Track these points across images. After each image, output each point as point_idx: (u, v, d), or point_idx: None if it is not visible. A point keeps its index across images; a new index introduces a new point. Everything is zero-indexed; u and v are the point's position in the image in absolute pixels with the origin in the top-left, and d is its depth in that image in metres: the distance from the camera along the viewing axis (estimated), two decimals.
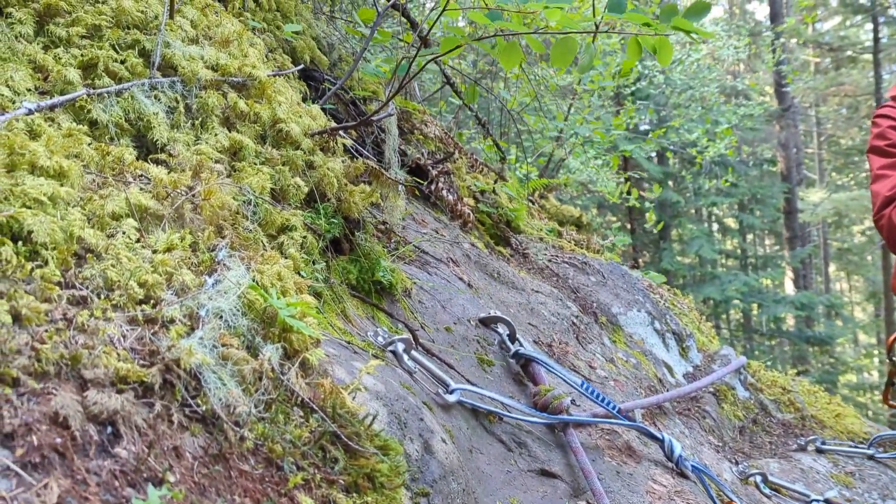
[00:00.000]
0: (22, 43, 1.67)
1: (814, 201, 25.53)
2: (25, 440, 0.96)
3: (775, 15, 22.23)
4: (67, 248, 1.21)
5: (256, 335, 1.31)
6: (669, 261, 19.39)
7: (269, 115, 1.90)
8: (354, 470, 1.28)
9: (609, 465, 2.09)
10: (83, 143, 1.46)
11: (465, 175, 3.47)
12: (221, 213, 1.53)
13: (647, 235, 21.19)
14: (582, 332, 2.82)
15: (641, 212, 19.29)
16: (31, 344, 1.05)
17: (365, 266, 2.06)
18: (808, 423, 3.28)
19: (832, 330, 21.56)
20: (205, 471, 1.09)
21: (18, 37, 1.68)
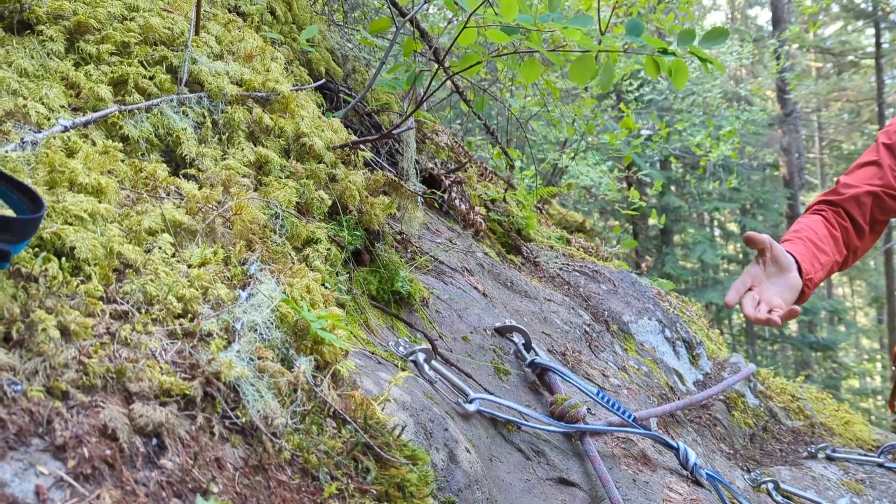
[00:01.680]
0: (54, 60, 1.71)
1: None
2: (77, 452, 0.99)
3: (777, 20, 22.27)
4: (108, 263, 1.25)
5: (290, 348, 1.35)
6: (672, 265, 19.44)
7: (293, 129, 1.94)
8: (385, 480, 1.32)
9: (625, 473, 2.12)
10: (118, 159, 1.49)
11: (475, 184, 3.51)
12: (251, 228, 1.56)
13: (649, 241, 21.25)
14: (594, 341, 2.85)
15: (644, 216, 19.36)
16: (79, 358, 1.09)
17: (384, 277, 2.10)
18: (818, 431, 3.31)
19: (835, 335, 21.58)
20: (246, 481, 1.12)
21: (50, 54, 1.72)
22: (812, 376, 19.34)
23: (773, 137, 23.45)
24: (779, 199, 22.49)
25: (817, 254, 2.42)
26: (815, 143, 31.71)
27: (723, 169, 18.93)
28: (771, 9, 22.94)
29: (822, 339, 21.11)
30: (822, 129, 31.21)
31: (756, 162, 23.31)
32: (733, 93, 21.07)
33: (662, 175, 19.28)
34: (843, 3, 22.77)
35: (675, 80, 1.92)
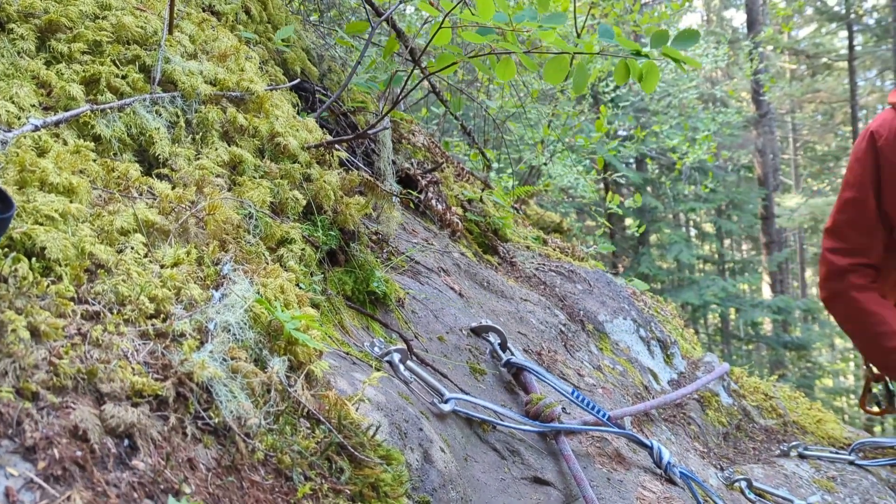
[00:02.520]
0: (25, 59, 1.69)
1: (790, 207, 25.82)
2: (47, 453, 0.98)
3: (752, 22, 22.44)
4: (80, 263, 1.24)
5: (263, 348, 1.34)
6: (648, 265, 19.52)
7: (267, 129, 1.94)
8: (359, 480, 1.32)
9: (600, 472, 2.13)
10: (89, 159, 1.48)
11: (452, 184, 3.51)
12: (225, 228, 1.56)
13: (626, 241, 21.34)
14: (570, 341, 2.87)
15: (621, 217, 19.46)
16: (49, 359, 1.08)
17: (360, 277, 2.10)
18: (790, 429, 3.34)
19: (809, 334, 21.76)
20: (218, 482, 1.12)
21: (21, 52, 1.70)
22: (786, 375, 19.51)
23: (748, 139, 23.65)
24: (753, 199, 22.68)
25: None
26: (790, 145, 32.01)
27: (698, 172, 19.06)
28: (746, 11, 23.12)
29: (796, 338, 21.30)
30: (796, 131, 31.50)
31: (731, 163, 23.49)
32: (709, 94, 21.22)
33: (639, 176, 19.38)
34: (816, 5, 22.99)
35: (645, 84, 1.93)
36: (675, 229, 22.99)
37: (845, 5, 22.43)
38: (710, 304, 19.86)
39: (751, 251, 30.39)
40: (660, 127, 13.41)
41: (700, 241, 26.13)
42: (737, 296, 21.43)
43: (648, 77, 1.92)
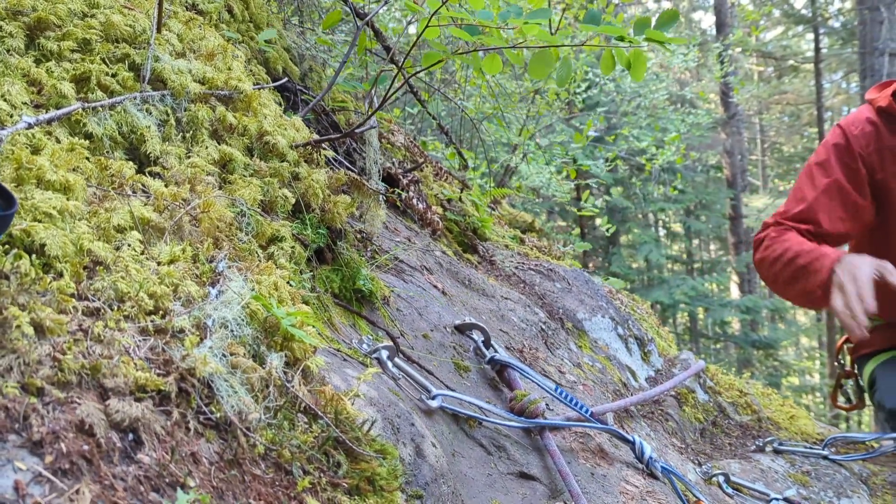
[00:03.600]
0: (14, 56, 1.69)
1: (758, 207, 26.13)
2: (54, 447, 0.99)
3: (721, 24, 22.68)
4: (79, 260, 1.25)
5: (261, 344, 1.36)
6: (619, 265, 19.68)
7: (256, 128, 1.95)
8: (356, 473, 1.34)
9: (583, 467, 2.16)
10: (84, 156, 1.49)
11: (432, 183, 3.54)
12: (218, 226, 1.57)
13: (596, 241, 21.47)
14: (550, 338, 2.90)
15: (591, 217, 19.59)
16: (53, 354, 1.09)
17: (346, 275, 2.11)
18: (765, 425, 3.40)
19: (776, 334, 22.04)
20: (221, 475, 1.14)
21: (10, 50, 1.70)
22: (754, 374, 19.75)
23: (717, 140, 23.90)
24: (722, 200, 22.93)
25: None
26: (758, 146, 32.39)
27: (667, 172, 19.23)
28: (714, 13, 23.36)
29: (763, 337, 21.57)
30: (763, 132, 31.89)
31: (700, 164, 23.72)
32: (678, 96, 21.42)
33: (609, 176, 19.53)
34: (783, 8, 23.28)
35: (634, 72, 1.96)
36: (645, 229, 23.19)
37: (812, 8, 22.74)
38: (680, 304, 20.06)
39: (719, 251, 30.72)
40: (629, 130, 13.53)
41: (669, 241, 26.37)
42: (706, 295, 21.66)
43: (636, 65, 1.95)
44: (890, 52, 15.95)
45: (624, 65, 2.05)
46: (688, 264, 26.53)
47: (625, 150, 14.13)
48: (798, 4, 23.94)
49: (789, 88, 26.57)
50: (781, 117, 30.12)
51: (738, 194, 23.49)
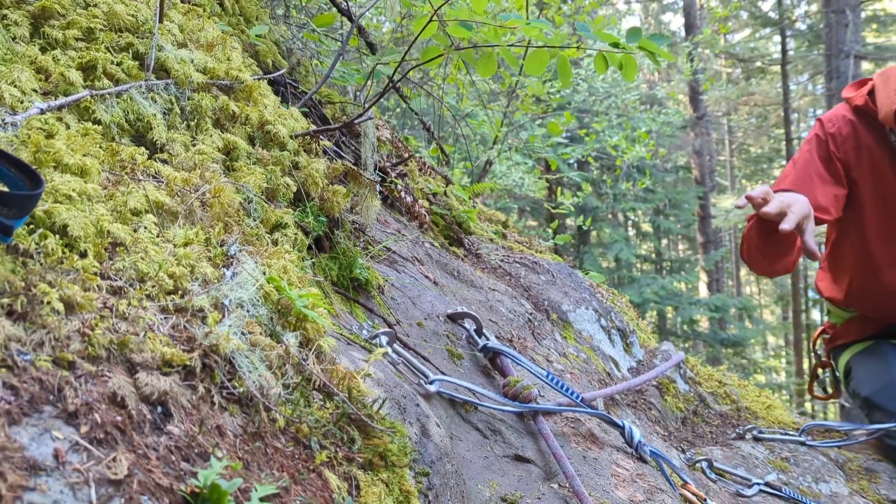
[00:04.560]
0: (21, 44, 1.71)
1: (726, 207, 26.44)
2: (88, 418, 1.02)
3: (690, 26, 22.94)
4: (100, 241, 1.28)
5: (276, 324, 1.39)
6: (590, 264, 19.83)
7: (258, 117, 1.98)
8: (369, 449, 1.38)
9: (575, 450, 2.22)
10: (97, 142, 1.51)
11: (417, 178, 3.58)
12: (227, 211, 1.60)
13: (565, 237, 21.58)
14: (537, 329, 2.95)
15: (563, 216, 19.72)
16: (82, 330, 1.12)
17: (344, 263, 2.15)
18: (743, 414, 3.48)
19: (744, 332, 22.35)
20: (246, 447, 1.17)
21: (16, 38, 1.72)
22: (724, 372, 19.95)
23: (686, 140, 24.15)
24: (691, 199, 23.19)
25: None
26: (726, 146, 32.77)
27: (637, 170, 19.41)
28: (683, 15, 23.62)
29: (732, 335, 21.84)
30: (731, 133, 32.28)
31: (669, 164, 23.97)
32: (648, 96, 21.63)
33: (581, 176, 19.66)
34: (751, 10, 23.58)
35: (626, 72, 2.02)
36: (616, 229, 23.37)
37: (779, 11, 23.07)
38: (650, 302, 20.24)
39: (688, 250, 31.05)
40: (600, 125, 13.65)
41: (639, 241, 26.60)
42: (675, 294, 21.89)
43: (627, 66, 2.02)
44: (855, 54, 16.23)
45: (616, 66, 2.11)
46: (657, 263, 26.78)
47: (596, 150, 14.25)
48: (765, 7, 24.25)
49: (757, 90, 26.93)
50: (749, 118, 30.51)
51: (706, 194, 23.75)
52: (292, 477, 1.19)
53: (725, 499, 2.58)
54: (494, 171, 9.57)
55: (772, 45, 26.75)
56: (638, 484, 2.16)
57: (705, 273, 24.53)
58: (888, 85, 3.22)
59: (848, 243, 3.46)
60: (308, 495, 1.18)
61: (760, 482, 2.70)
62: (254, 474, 1.14)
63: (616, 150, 13.25)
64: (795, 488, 2.79)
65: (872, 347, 3.49)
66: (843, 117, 3.30)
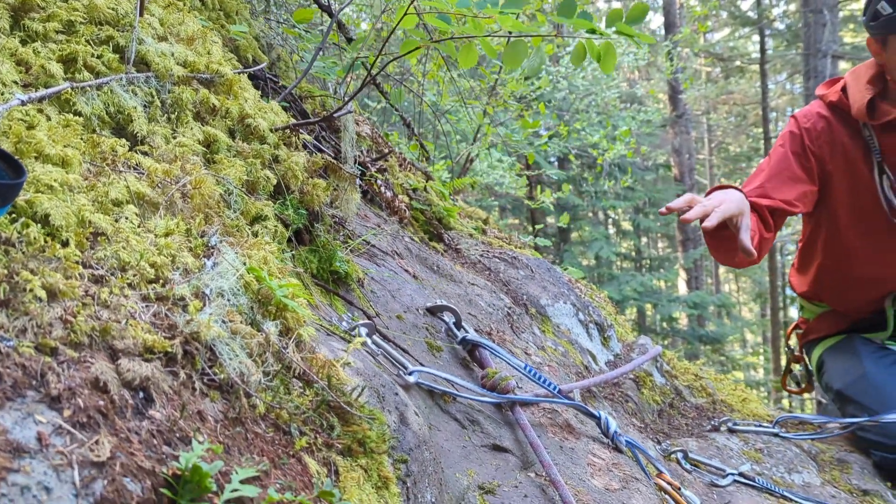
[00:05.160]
0: (1, 37, 1.72)
1: None
2: (71, 402, 1.04)
3: (670, 25, 23.05)
4: (82, 231, 1.29)
5: (256, 313, 1.41)
6: (570, 261, 19.89)
7: (238, 111, 2.00)
8: (348, 436, 1.40)
9: (552, 440, 2.25)
10: (78, 133, 1.53)
11: (397, 173, 3.60)
12: (208, 202, 1.62)
13: (548, 237, 21.68)
14: (515, 323, 2.98)
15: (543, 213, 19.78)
16: (64, 317, 1.14)
17: (323, 256, 2.17)
18: (719, 407, 3.53)
19: (723, 329, 22.49)
20: (227, 432, 1.19)
21: None
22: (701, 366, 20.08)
23: (665, 139, 24.29)
24: (670, 198, 23.27)
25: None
26: (705, 145, 32.96)
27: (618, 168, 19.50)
28: (664, 13, 23.74)
29: (710, 332, 21.98)
30: (710, 132, 32.47)
31: (650, 162, 24.09)
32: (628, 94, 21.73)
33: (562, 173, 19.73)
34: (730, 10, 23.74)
35: (604, 64, 2.05)
36: (596, 227, 23.47)
37: (758, 10, 23.23)
38: (629, 300, 20.34)
39: (667, 248, 31.23)
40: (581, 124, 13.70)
41: (619, 239, 26.72)
42: (654, 291, 22.02)
43: (606, 57, 2.04)
44: (833, 53, 16.38)
45: (594, 57, 2.13)
46: (637, 261, 26.92)
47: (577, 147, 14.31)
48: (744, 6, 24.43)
49: (736, 89, 27.12)
50: (728, 117, 30.72)
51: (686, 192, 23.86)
52: (272, 461, 1.21)
53: (700, 489, 2.62)
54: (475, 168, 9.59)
55: (751, 45, 26.96)
56: (613, 473, 2.20)
57: (684, 271, 24.68)
58: (859, 81, 3.28)
59: (821, 238, 3.52)
60: (288, 479, 1.20)
61: (735, 472, 2.75)
62: (234, 458, 1.16)
63: (597, 149, 13.31)
64: (769, 478, 2.84)
65: (844, 342, 3.55)
66: (818, 113, 3.36)
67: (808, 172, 3.28)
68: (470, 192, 10.70)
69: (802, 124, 3.35)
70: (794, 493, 2.73)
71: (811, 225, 3.57)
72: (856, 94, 3.24)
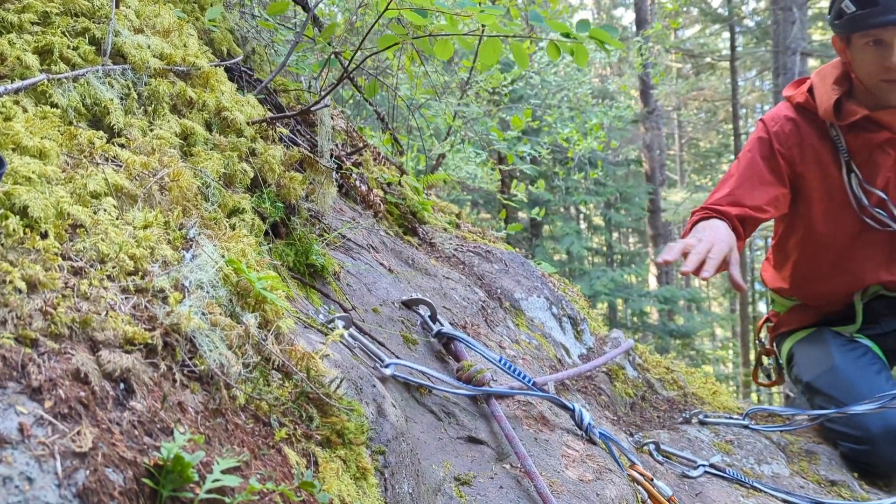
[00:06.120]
0: None
1: (676, 201, 26.85)
2: (52, 394, 1.04)
3: (641, 21, 23.18)
4: (60, 223, 1.29)
5: (235, 305, 1.42)
6: (542, 256, 19.97)
7: (215, 104, 1.99)
8: (327, 427, 1.41)
9: (527, 432, 2.27)
10: (56, 125, 1.52)
11: (372, 167, 3.61)
12: (186, 195, 1.62)
13: (520, 232, 21.75)
14: (490, 316, 3.00)
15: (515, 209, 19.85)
16: (44, 308, 1.14)
17: (300, 249, 2.18)
18: (690, 400, 3.58)
19: (693, 323, 22.70)
20: (207, 423, 1.20)
21: None
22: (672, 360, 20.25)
23: (637, 134, 24.44)
24: (641, 193, 23.47)
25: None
26: (676, 141, 33.21)
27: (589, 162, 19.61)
28: (635, 10, 23.88)
29: (680, 326, 22.19)
30: (681, 128, 32.73)
31: (620, 157, 24.24)
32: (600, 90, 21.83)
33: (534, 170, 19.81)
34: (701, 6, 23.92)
35: (578, 58, 2.08)
36: (567, 222, 23.58)
37: (728, 7, 23.43)
38: (601, 294, 20.46)
39: (638, 244, 31.45)
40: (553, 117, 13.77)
41: (590, 234, 26.86)
42: (625, 286, 22.17)
43: (578, 54, 2.07)
44: (802, 51, 16.56)
45: (568, 52, 2.16)
46: (608, 256, 27.08)
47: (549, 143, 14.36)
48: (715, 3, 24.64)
49: (706, 85, 27.35)
50: (699, 113, 30.99)
51: (656, 188, 24.06)
52: (252, 452, 1.22)
53: (672, 479, 2.66)
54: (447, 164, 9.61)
55: (721, 42, 27.18)
56: (587, 464, 2.23)
57: (655, 266, 24.85)
58: (825, 82, 3.34)
59: (794, 236, 3.58)
60: (268, 470, 1.21)
61: (705, 464, 2.80)
62: (215, 449, 1.17)
63: (568, 143, 13.38)
64: (739, 469, 2.88)
65: (814, 335, 3.61)
66: (785, 116, 3.42)
67: (779, 176, 3.34)
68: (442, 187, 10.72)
69: (771, 128, 3.40)
70: (764, 484, 2.78)
71: (784, 224, 3.64)
72: (822, 95, 3.31)
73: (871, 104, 3.25)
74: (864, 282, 3.49)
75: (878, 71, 3.12)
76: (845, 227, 3.42)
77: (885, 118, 3.24)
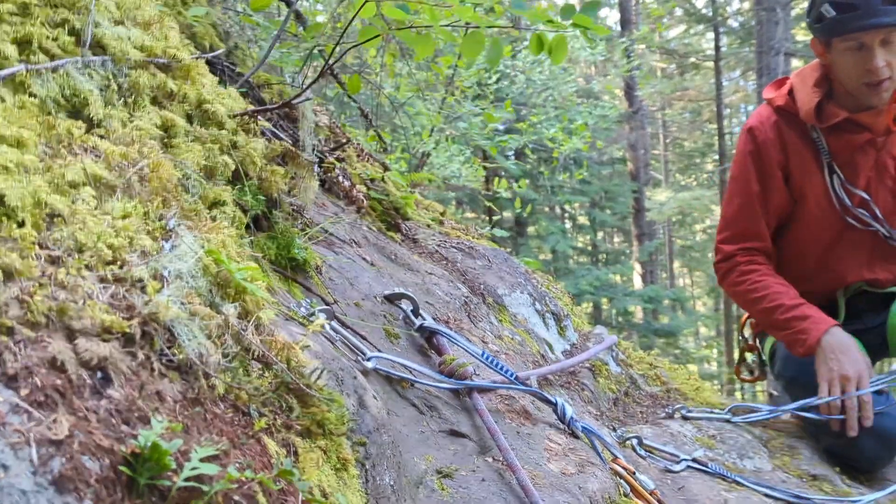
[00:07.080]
0: None
1: (660, 200, 26.94)
2: (28, 382, 1.04)
3: (626, 21, 23.25)
4: (38, 212, 1.28)
5: (215, 295, 1.41)
6: (527, 255, 19.97)
7: (196, 96, 1.99)
8: (308, 417, 1.41)
9: (510, 426, 2.28)
10: (34, 115, 1.51)
11: (355, 163, 3.60)
12: (166, 186, 1.61)
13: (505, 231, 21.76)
14: (473, 311, 3.01)
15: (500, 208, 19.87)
16: (21, 297, 1.13)
17: (282, 243, 2.17)
18: (673, 395, 3.60)
19: (677, 322, 22.81)
20: (186, 412, 1.19)
21: None
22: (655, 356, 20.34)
23: (621, 134, 24.51)
24: (626, 192, 23.56)
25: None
26: (660, 141, 33.33)
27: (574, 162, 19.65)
28: (619, 10, 23.93)
29: (665, 325, 22.29)
30: (666, 127, 32.85)
31: (605, 156, 24.31)
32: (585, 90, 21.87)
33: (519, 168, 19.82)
34: (685, 7, 24.01)
35: (554, 56, 2.08)
36: (552, 221, 23.63)
37: (712, 8, 23.52)
38: (586, 294, 20.52)
39: (623, 243, 31.55)
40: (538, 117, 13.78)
41: (575, 233, 26.91)
42: (610, 285, 22.26)
43: (557, 50, 2.07)
44: (785, 51, 16.66)
45: (546, 50, 2.16)
46: (593, 255, 27.15)
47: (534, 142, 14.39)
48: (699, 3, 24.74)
49: (691, 85, 27.47)
50: (683, 113, 31.11)
51: (641, 188, 24.15)
52: (232, 442, 1.22)
53: (654, 474, 2.67)
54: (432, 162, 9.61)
55: (705, 42, 27.30)
56: (570, 458, 2.23)
57: (639, 265, 24.95)
58: (805, 84, 3.37)
59: (780, 236, 3.61)
60: (247, 459, 1.21)
61: (688, 458, 2.81)
62: (193, 438, 1.16)
63: (553, 142, 13.39)
64: (721, 464, 2.90)
65: None
66: (768, 119, 3.44)
67: (777, 186, 3.40)
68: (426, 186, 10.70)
69: (759, 138, 3.43)
70: (746, 478, 2.79)
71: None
72: (804, 98, 3.34)
73: (852, 106, 3.28)
74: (847, 280, 3.52)
75: (859, 74, 3.15)
76: (829, 228, 3.45)
77: (865, 120, 3.28)
